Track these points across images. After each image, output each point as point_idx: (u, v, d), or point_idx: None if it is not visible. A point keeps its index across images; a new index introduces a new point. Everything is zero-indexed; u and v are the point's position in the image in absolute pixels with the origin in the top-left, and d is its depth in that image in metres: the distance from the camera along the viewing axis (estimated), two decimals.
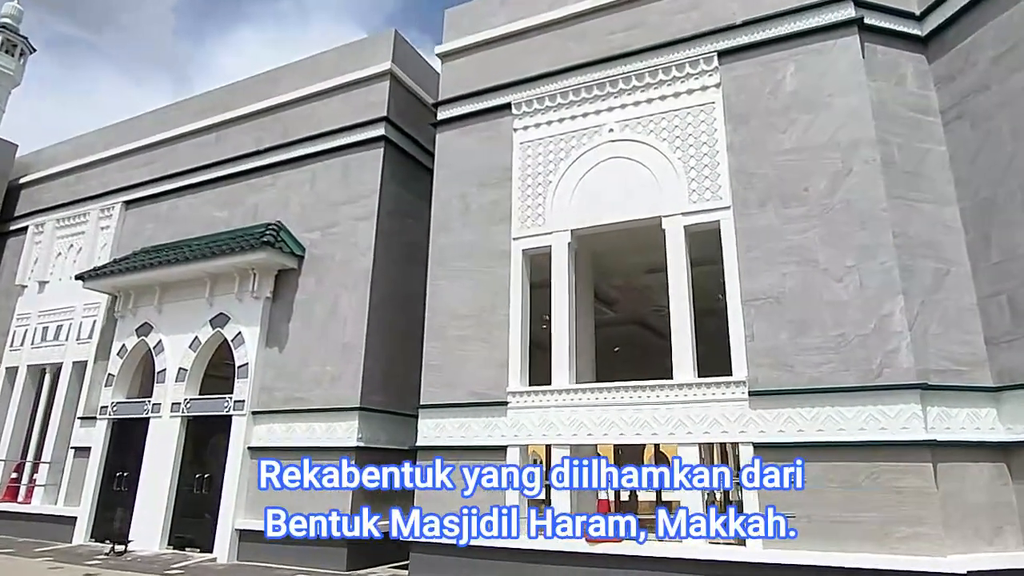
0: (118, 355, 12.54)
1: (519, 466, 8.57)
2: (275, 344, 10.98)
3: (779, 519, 6.98)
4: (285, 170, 12.18)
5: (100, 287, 12.82)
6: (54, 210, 15.28)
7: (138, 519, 11.14)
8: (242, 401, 10.75)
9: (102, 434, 12.21)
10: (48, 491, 12.97)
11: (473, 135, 10.39)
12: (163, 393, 11.65)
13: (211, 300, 11.66)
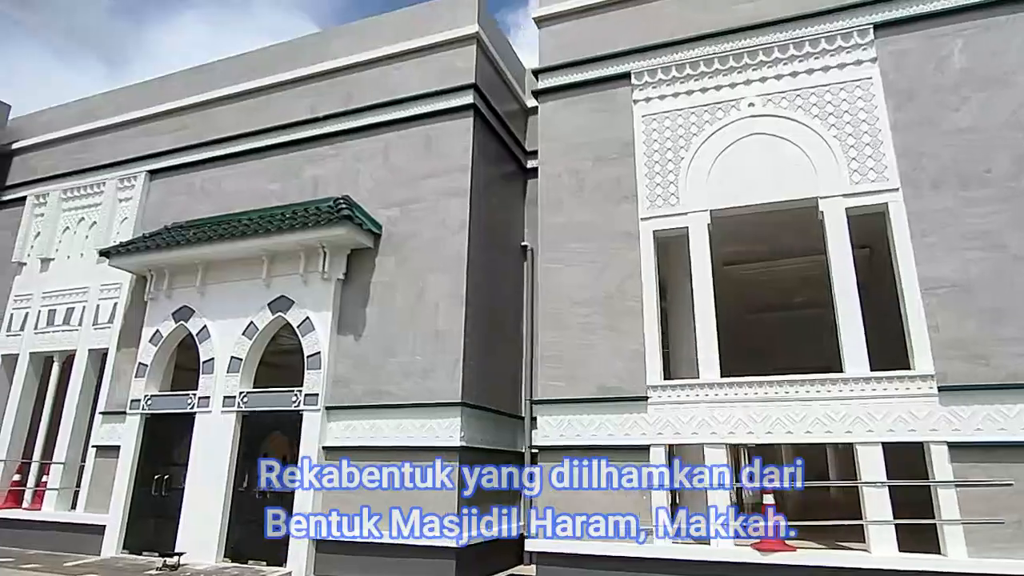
0: (151, 342, 11.10)
1: (665, 466, 7.76)
2: (349, 331, 9.84)
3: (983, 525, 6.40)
4: (351, 140, 11.02)
5: (128, 265, 11.34)
6: (59, 179, 13.59)
7: (185, 528, 9.80)
8: (315, 395, 9.57)
9: (134, 431, 10.77)
10: (62, 495, 11.41)
11: (583, 106, 9.52)
12: (211, 385, 10.33)
13: (268, 281, 10.40)
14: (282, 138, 11.60)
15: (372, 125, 10.87)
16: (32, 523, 11.18)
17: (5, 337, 12.91)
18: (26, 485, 11.87)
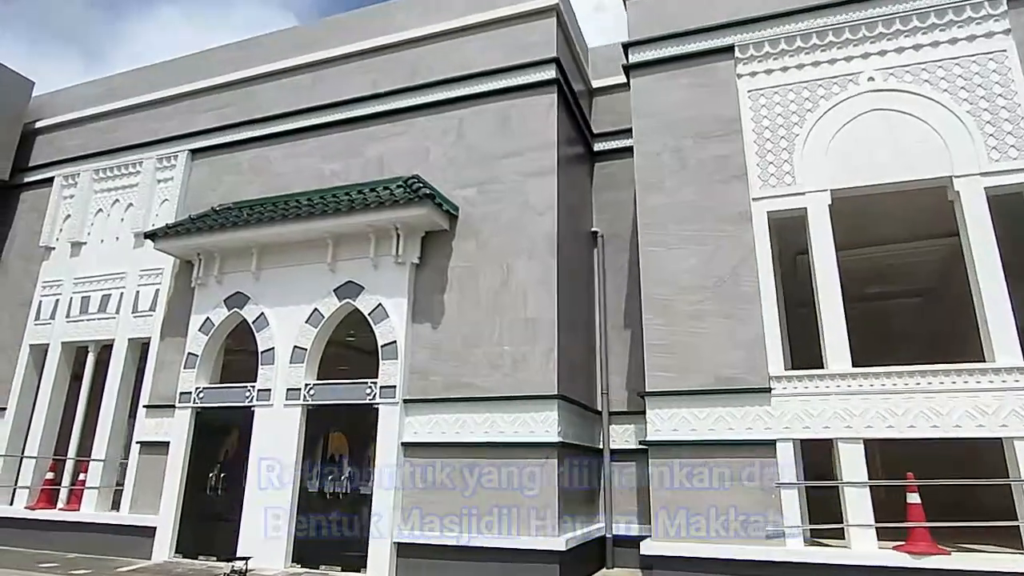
0: (201, 331, 10.35)
1: (793, 463, 7.20)
2: (426, 319, 9.18)
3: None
4: (419, 116, 10.35)
5: (174, 248, 10.57)
6: (90, 159, 12.75)
7: (247, 530, 9.07)
8: (392, 387, 8.90)
9: (184, 426, 10.01)
10: (102, 495, 10.61)
11: (681, 80, 8.96)
12: (271, 377, 9.61)
13: (333, 266, 9.71)
14: (340, 115, 10.91)
15: (443, 101, 10.22)
16: (70, 525, 10.38)
17: (34, 326, 12.06)
18: (61, 484, 11.03)
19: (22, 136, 13.53)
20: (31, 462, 11.18)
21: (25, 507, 10.88)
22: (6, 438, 11.50)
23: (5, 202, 13.25)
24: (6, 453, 11.42)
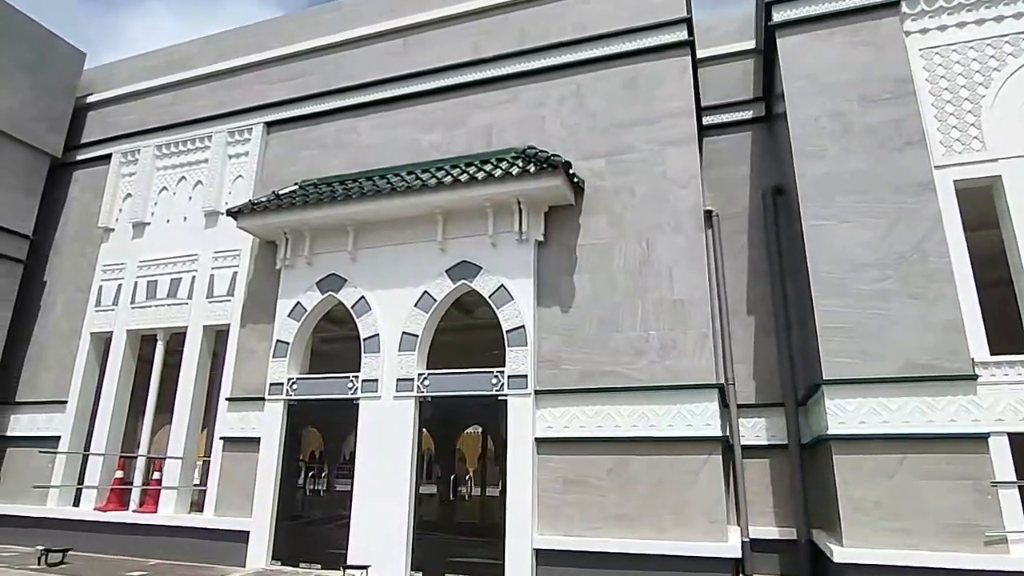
0: (291, 317, 9.45)
1: (1010, 459, 6.39)
2: (553, 302, 8.33)
3: None
4: (530, 83, 9.50)
5: (259, 227, 9.67)
6: (152, 134, 11.81)
7: (359, 536, 8.21)
8: (522, 377, 8.05)
9: (277, 420, 9.12)
10: (182, 495, 9.69)
11: (838, 39, 8.13)
12: (377, 366, 8.73)
13: (444, 244, 8.84)
14: (437, 83, 10.04)
15: (558, 66, 9.38)
16: (149, 528, 9.46)
17: (94, 313, 11.12)
18: (132, 483, 10.11)
19: (73, 112, 12.54)
20: (97, 460, 10.25)
21: (95, 508, 9.94)
22: (68, 434, 10.57)
23: (57, 181, 12.29)
24: (69, 450, 10.48)
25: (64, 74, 12.32)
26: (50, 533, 9.99)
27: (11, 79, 11.41)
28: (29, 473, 10.67)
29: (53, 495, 10.37)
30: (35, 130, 11.77)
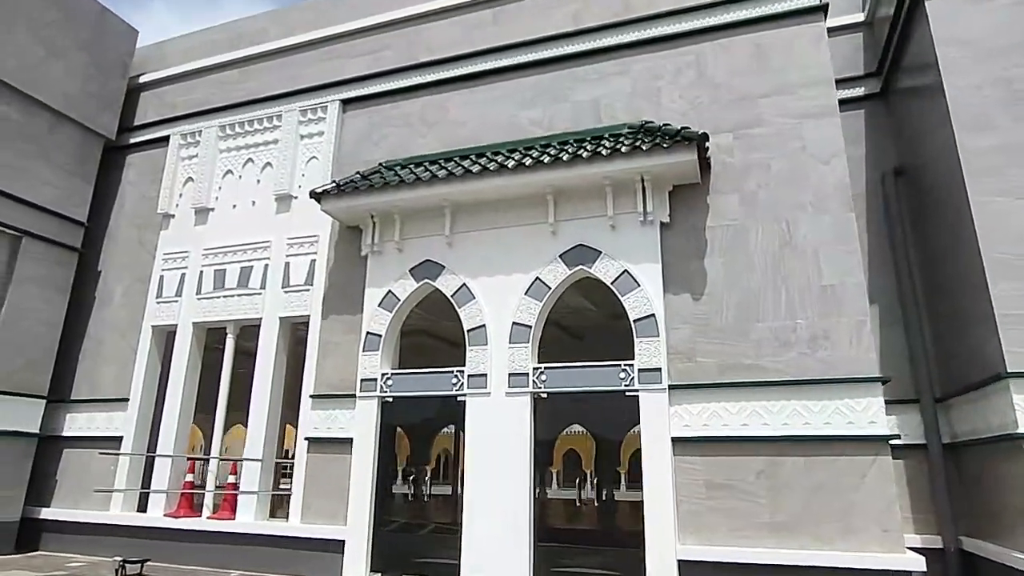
0: (381, 307, 8.71)
1: None
2: (683, 288, 7.60)
3: None
4: (641, 53, 8.78)
5: (343, 211, 8.95)
6: (214, 114, 11.07)
7: (472, 547, 7.48)
8: (655, 370, 7.32)
9: (371, 419, 8.38)
10: (261, 500, 8.94)
11: (998, 1, 7.39)
12: (485, 360, 8.00)
13: (555, 227, 8.11)
14: (534, 55, 9.33)
15: (675, 35, 8.67)
16: (229, 536, 8.72)
17: (156, 305, 10.37)
18: (204, 487, 9.36)
19: (125, 93, 11.79)
20: (164, 463, 9.49)
21: (165, 514, 9.19)
22: (131, 434, 9.83)
23: (109, 165, 11.54)
24: (132, 451, 9.72)
25: (117, 52, 11.59)
26: (115, 541, 9.29)
27: (66, 56, 10.68)
28: (89, 476, 9.93)
29: (116, 500, 9.62)
30: (89, 110, 11.03)
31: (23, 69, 10.01)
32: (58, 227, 10.46)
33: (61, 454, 10.29)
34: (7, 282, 9.76)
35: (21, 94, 10.04)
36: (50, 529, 9.89)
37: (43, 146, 10.34)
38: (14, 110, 9.96)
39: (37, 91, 10.21)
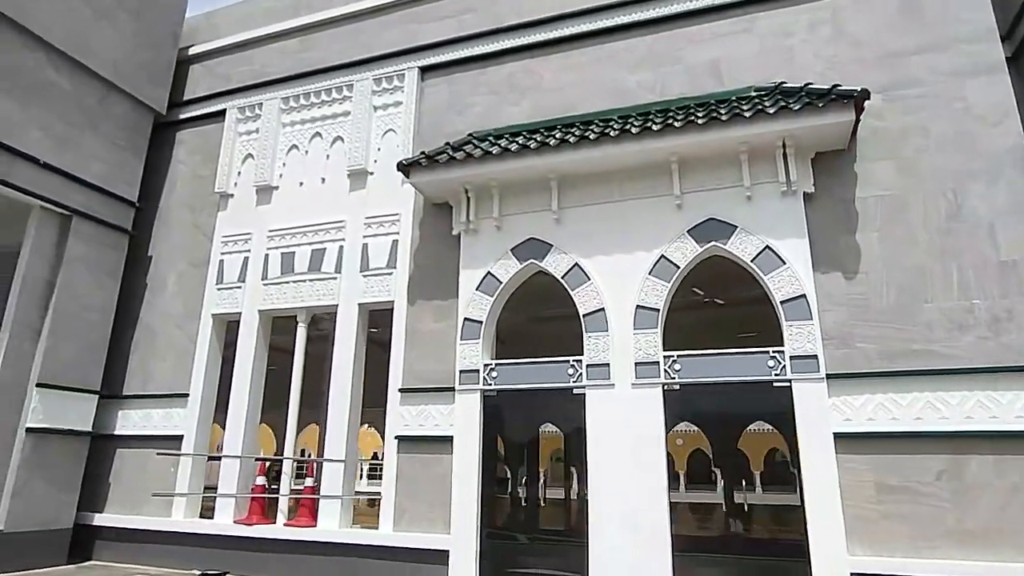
0: (480, 291, 7.87)
1: None
2: (833, 266, 6.77)
3: None
4: (767, 9, 7.99)
5: (434, 185, 8.13)
6: (275, 86, 10.22)
7: (601, 557, 6.63)
8: (810, 358, 6.49)
9: (473, 415, 7.55)
10: (345, 505, 8.09)
11: None
12: (606, 348, 7.16)
13: (680, 199, 7.27)
14: (641, 14, 8.49)
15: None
16: (307, 546, 7.86)
17: (215, 292, 9.51)
18: (279, 491, 8.51)
19: (175, 65, 10.92)
20: (232, 464, 8.63)
21: (235, 521, 8.33)
22: (193, 433, 8.97)
23: (159, 143, 10.69)
24: (194, 451, 8.86)
25: (166, 21, 10.73)
26: (177, 550, 8.47)
27: (116, 22, 9.81)
28: (145, 479, 9.08)
29: (179, 505, 8.76)
30: (139, 82, 10.17)
31: (72, 35, 9.14)
32: (109, 207, 9.59)
33: (114, 455, 9.43)
34: (56, 265, 8.88)
35: (70, 60, 9.18)
36: (104, 536, 9.04)
37: (93, 118, 9.47)
38: (63, 77, 9.10)
39: (87, 58, 9.34)
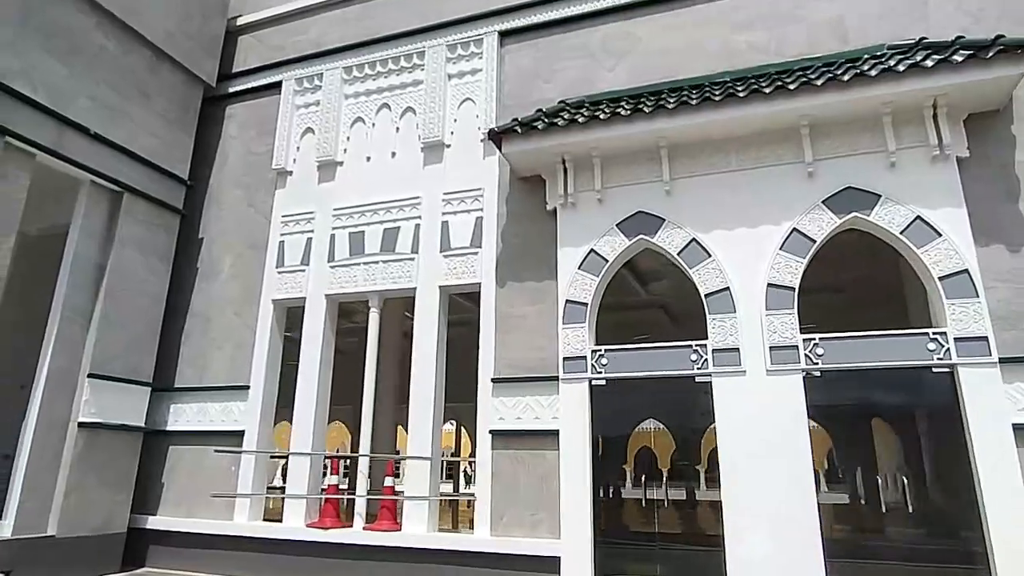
0: (583, 270, 7.13)
1: None
2: (995, 238, 6.09)
3: None
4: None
5: (531, 154, 7.41)
6: (335, 55, 9.48)
7: (740, 561, 5.87)
8: (978, 340, 5.80)
9: (582, 407, 6.82)
10: (431, 508, 7.34)
11: None
12: (734, 331, 6.43)
13: (812, 166, 6.54)
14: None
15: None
16: (392, 552, 7.12)
17: (277, 275, 8.77)
18: (353, 491, 7.75)
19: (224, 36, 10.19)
20: (300, 463, 7.88)
21: (307, 525, 7.58)
22: (255, 428, 8.23)
23: (207, 118, 9.94)
24: (257, 448, 8.11)
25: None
26: (241, 556, 7.72)
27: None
28: (201, 478, 8.33)
29: (241, 507, 8.00)
30: (190, 52, 9.44)
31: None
32: (160, 184, 8.85)
33: (167, 452, 8.68)
34: (106, 247, 8.14)
35: (121, 24, 8.44)
36: (158, 541, 8.28)
37: (143, 88, 8.73)
38: (113, 42, 8.35)
39: (137, 22, 8.61)
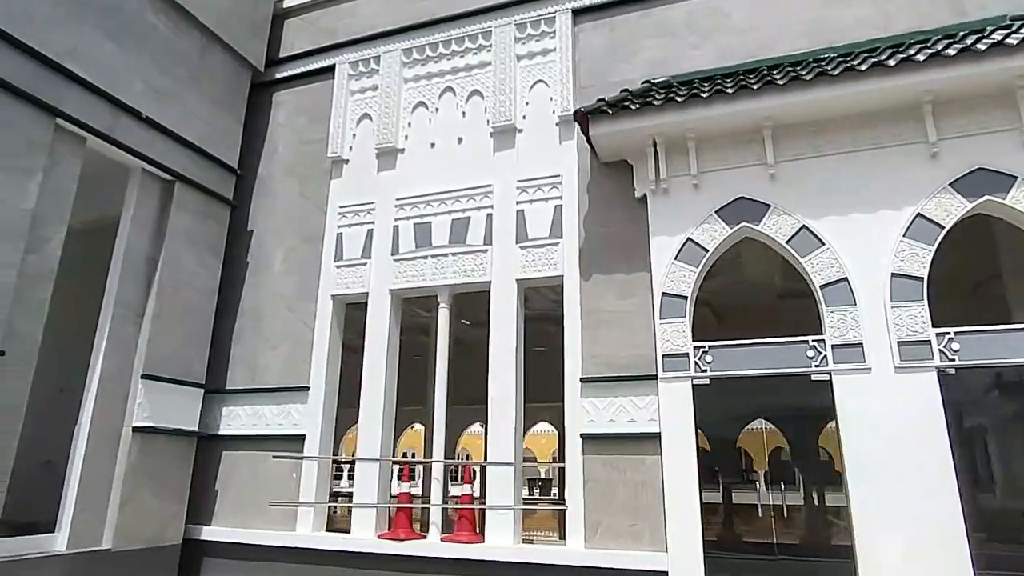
0: (680, 260, 6.61)
1: None
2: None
3: None
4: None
5: (619, 137, 6.89)
6: (394, 37, 8.97)
7: (872, 569, 5.33)
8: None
9: (685, 408, 6.30)
10: (516, 517, 6.81)
11: None
12: (856, 325, 5.90)
13: (935, 147, 6.02)
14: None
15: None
16: (475, 565, 6.58)
17: (335, 269, 8.26)
18: (429, 500, 7.22)
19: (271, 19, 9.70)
20: (369, 469, 7.35)
21: (379, 536, 7.05)
22: (316, 433, 7.70)
23: (255, 105, 9.42)
24: (320, 453, 7.58)
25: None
26: (303, 569, 7.19)
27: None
28: (258, 486, 7.80)
29: (303, 517, 7.48)
30: (240, 35, 8.95)
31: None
32: (211, 173, 8.35)
33: (220, 458, 8.15)
34: (158, 239, 7.63)
35: (172, 4, 7.94)
36: (213, 553, 7.75)
37: (194, 72, 8.24)
38: (164, 22, 7.86)
39: (189, 2, 8.10)
